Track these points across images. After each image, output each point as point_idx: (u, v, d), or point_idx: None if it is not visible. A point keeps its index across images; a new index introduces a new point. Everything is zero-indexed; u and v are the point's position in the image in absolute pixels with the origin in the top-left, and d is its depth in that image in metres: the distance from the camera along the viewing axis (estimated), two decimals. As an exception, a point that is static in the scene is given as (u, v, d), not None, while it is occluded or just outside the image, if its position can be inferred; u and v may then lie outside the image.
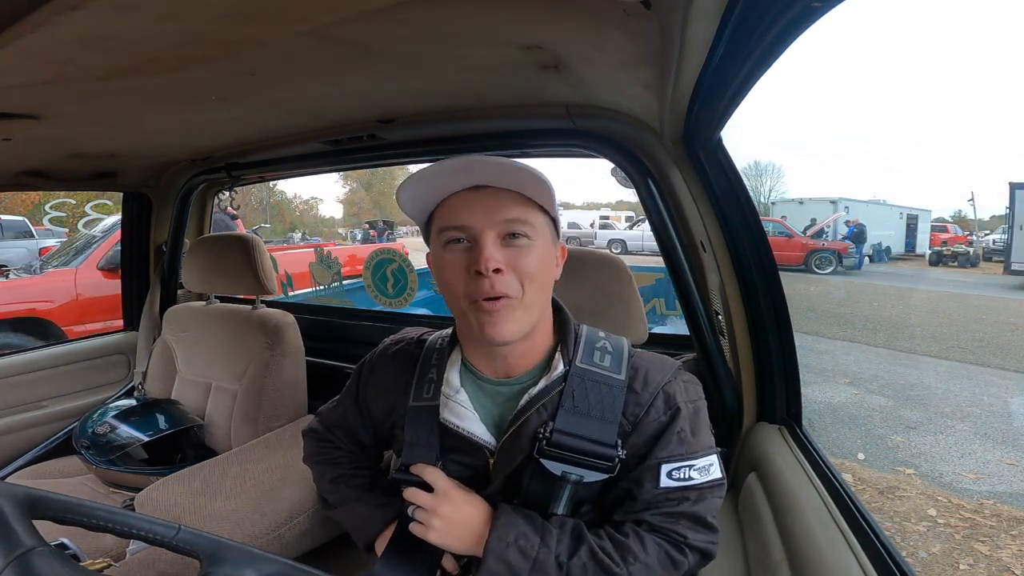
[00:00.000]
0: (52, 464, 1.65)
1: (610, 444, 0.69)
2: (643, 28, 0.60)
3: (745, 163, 30.82)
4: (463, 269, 0.68)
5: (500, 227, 0.68)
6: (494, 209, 0.68)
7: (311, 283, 3.73)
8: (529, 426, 0.71)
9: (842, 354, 5.66)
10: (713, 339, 1.08)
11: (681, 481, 0.69)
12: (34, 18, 0.48)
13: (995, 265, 14.66)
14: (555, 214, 0.74)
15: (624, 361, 0.74)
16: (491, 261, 0.65)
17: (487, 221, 0.67)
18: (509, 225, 0.68)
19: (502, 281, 0.66)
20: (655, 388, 0.72)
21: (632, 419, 0.71)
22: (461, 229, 0.68)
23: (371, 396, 0.86)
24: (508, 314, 0.67)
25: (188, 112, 1.07)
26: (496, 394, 0.76)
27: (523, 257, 0.68)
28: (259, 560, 0.55)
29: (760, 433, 1.01)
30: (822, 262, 13.55)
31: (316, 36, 0.68)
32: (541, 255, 0.70)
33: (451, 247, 0.69)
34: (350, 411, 0.90)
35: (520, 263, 0.68)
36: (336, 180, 35.98)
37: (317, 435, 0.95)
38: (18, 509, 0.53)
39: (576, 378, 0.72)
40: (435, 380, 0.79)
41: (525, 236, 0.68)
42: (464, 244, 0.69)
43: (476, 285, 0.67)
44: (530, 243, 0.69)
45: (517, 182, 0.68)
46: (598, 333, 0.78)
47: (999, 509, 2.76)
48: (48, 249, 5.96)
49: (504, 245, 0.68)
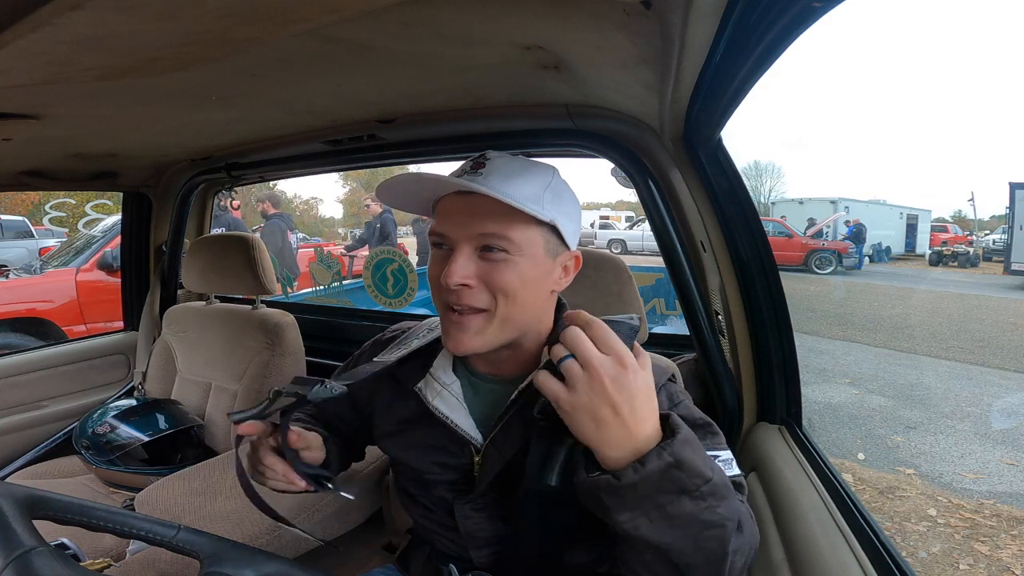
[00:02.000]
0: (52, 464, 1.65)
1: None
2: (643, 28, 0.60)
3: (745, 163, 30.85)
4: (437, 276, 0.68)
5: (475, 240, 0.66)
6: (472, 221, 0.66)
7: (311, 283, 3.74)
8: (521, 419, 0.70)
9: (842, 354, 5.66)
10: (713, 339, 1.08)
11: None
12: (34, 18, 0.48)
13: (995, 265, 14.67)
14: (560, 223, 0.69)
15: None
16: (454, 276, 0.65)
17: (462, 232, 0.66)
18: (484, 239, 0.66)
19: (468, 294, 0.66)
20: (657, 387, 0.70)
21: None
22: (441, 236, 0.68)
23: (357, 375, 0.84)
24: (476, 327, 0.67)
25: (188, 112, 1.07)
26: (488, 391, 0.76)
27: (497, 272, 0.66)
28: (259, 560, 0.55)
29: (760, 433, 1.01)
30: (822, 262, 13.56)
31: (316, 36, 0.68)
32: (523, 271, 0.66)
33: (435, 251, 0.70)
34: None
35: (493, 278, 0.66)
36: (336, 180, 35.96)
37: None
38: (18, 509, 0.53)
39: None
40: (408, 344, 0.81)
41: (503, 251, 0.66)
42: (445, 250, 0.68)
43: (448, 293, 0.67)
44: (508, 258, 0.66)
45: (506, 191, 0.64)
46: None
47: (999, 509, 2.76)
48: (48, 249, 5.95)
49: (480, 257, 0.66)
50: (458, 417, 0.74)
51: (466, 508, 0.75)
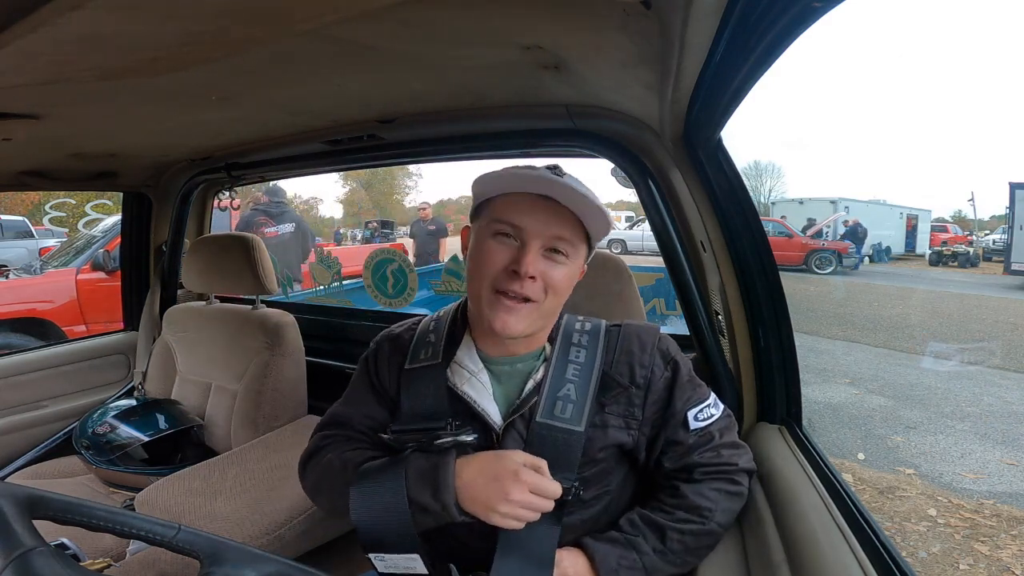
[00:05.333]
0: (52, 464, 1.65)
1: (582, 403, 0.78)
2: (643, 28, 0.60)
3: (745, 163, 30.83)
4: (502, 263, 0.74)
5: (547, 240, 0.74)
6: (550, 223, 0.74)
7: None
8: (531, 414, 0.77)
9: (842, 354, 5.66)
10: (713, 339, 1.08)
11: (707, 420, 0.81)
12: (34, 18, 0.48)
13: (995, 265, 14.66)
14: (595, 243, 0.81)
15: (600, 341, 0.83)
16: (531, 267, 0.73)
17: (540, 231, 0.74)
18: (555, 241, 0.75)
19: (531, 286, 0.73)
20: (652, 348, 0.82)
21: (644, 381, 0.80)
22: (515, 228, 0.74)
23: (384, 374, 0.87)
24: (525, 315, 0.75)
25: (188, 112, 1.07)
26: (501, 373, 0.82)
27: (556, 271, 0.75)
28: (259, 560, 0.55)
29: (760, 433, 1.01)
30: (822, 262, 13.55)
31: (316, 36, 0.68)
32: (571, 273, 0.77)
33: (500, 239, 0.75)
34: (366, 398, 0.89)
35: (551, 276, 0.75)
36: (336, 180, 35.95)
37: (326, 430, 0.91)
38: (18, 509, 0.53)
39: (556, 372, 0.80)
40: (433, 343, 0.84)
41: (564, 255, 0.76)
42: (511, 241, 0.75)
43: (508, 280, 0.73)
44: (566, 260, 0.76)
45: (582, 210, 0.74)
46: (576, 320, 0.86)
47: (999, 509, 2.76)
48: (48, 249, 5.95)
49: (544, 256, 0.75)
50: (486, 403, 0.79)
51: None
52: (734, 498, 0.80)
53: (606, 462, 0.80)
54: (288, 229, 4.34)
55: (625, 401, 0.80)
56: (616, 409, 0.80)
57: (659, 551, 0.74)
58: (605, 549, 0.74)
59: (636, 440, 0.80)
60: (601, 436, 0.78)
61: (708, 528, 0.77)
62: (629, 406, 0.80)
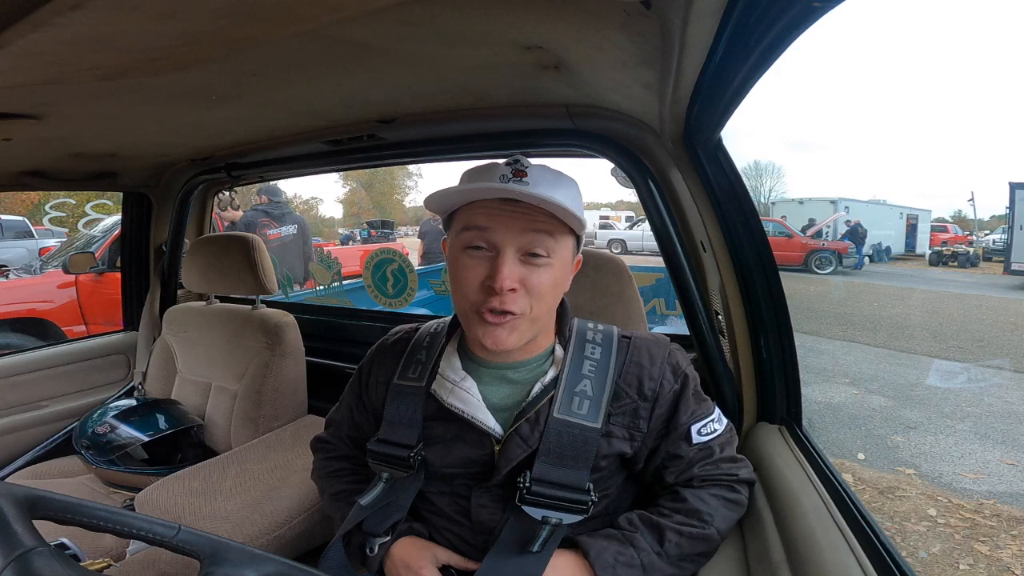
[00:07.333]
0: (52, 464, 1.65)
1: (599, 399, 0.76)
2: (643, 28, 0.60)
3: (745, 163, 30.83)
4: (478, 278, 0.69)
5: (522, 245, 0.69)
6: (522, 227, 0.69)
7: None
8: (541, 415, 0.75)
9: (842, 354, 5.65)
10: (713, 339, 1.08)
11: (710, 435, 0.80)
12: (34, 18, 0.48)
13: (995, 265, 14.67)
14: (581, 232, 0.76)
15: (614, 344, 0.81)
16: (508, 280, 0.67)
17: (511, 238, 0.69)
18: (532, 245, 0.69)
19: (512, 299, 0.69)
20: (662, 362, 0.80)
21: (652, 394, 0.79)
22: (484, 238, 0.69)
23: (372, 387, 0.88)
24: (512, 328, 0.70)
25: (188, 112, 1.07)
26: (497, 377, 0.79)
27: (537, 276, 0.70)
28: (259, 560, 0.55)
29: (760, 433, 1.01)
30: (822, 262, 13.55)
31: (316, 36, 0.68)
32: (556, 275, 0.72)
33: (471, 253, 0.70)
34: (355, 407, 0.91)
35: (533, 282, 0.70)
36: (336, 180, 35.98)
37: (322, 444, 0.97)
38: (18, 509, 0.53)
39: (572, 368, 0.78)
40: (423, 362, 0.82)
41: (544, 255, 0.70)
42: (484, 253, 0.70)
43: (487, 297, 0.69)
44: (548, 262, 0.70)
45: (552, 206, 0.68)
46: (587, 324, 0.84)
47: (999, 509, 2.76)
48: (48, 249, 5.95)
49: (522, 261, 0.70)
50: (475, 411, 0.76)
51: (483, 497, 0.77)
52: (733, 506, 0.80)
53: (607, 469, 0.79)
54: (291, 231, 4.34)
55: (631, 413, 0.79)
56: (621, 420, 0.78)
57: (656, 552, 0.73)
58: (601, 545, 0.72)
59: (637, 451, 0.80)
60: (605, 445, 0.77)
61: (707, 533, 0.75)
62: (635, 418, 0.79)
